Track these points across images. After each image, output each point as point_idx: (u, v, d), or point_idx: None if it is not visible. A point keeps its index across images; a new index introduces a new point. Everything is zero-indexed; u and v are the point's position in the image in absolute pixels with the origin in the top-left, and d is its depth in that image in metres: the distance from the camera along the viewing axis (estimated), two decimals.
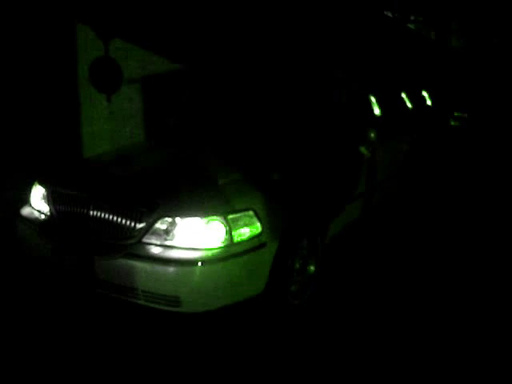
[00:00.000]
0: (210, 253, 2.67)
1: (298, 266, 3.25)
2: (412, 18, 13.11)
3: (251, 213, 2.79)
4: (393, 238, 4.51)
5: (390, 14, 9.99)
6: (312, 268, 3.40)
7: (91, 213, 2.91)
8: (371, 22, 6.76)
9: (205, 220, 2.68)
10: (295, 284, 3.25)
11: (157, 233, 2.74)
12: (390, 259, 4.03)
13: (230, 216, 2.71)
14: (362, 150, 4.03)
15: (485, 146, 9.22)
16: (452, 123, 11.04)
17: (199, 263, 2.64)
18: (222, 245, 2.69)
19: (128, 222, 2.80)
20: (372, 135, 3.93)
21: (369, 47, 5.66)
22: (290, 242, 3.04)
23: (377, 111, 4.71)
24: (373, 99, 4.74)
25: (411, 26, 12.64)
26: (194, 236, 2.69)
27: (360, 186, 4.02)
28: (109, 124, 5.01)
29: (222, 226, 2.69)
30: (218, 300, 2.75)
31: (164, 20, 5.34)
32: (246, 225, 2.77)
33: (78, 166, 3.56)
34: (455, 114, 11.16)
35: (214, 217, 2.69)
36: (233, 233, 2.71)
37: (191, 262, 2.64)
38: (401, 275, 3.75)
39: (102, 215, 2.88)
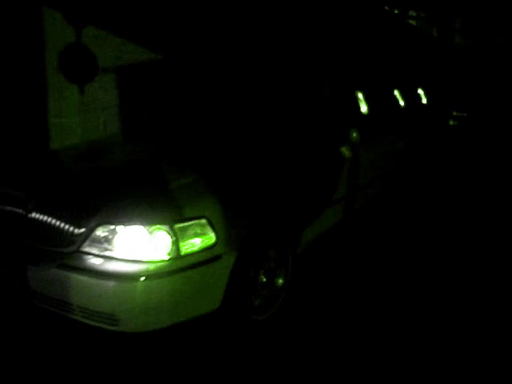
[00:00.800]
0: (153, 266, 2.31)
1: (263, 278, 2.89)
2: (414, 14, 12.67)
3: (204, 221, 2.43)
4: (374, 245, 4.11)
5: (388, 9, 9.57)
6: (280, 281, 3.04)
7: (29, 215, 2.57)
8: (366, 14, 6.36)
9: (148, 229, 2.33)
10: (260, 298, 2.90)
11: (97, 241, 2.39)
12: (369, 270, 3.66)
13: (178, 225, 2.35)
14: (343, 150, 3.66)
15: (484, 147, 8.78)
16: (451, 123, 10.64)
17: (140, 278, 2.29)
18: (168, 257, 2.33)
19: (66, 227, 2.46)
20: (354, 135, 3.56)
21: (361, 40, 5.27)
22: (251, 253, 2.68)
23: (364, 109, 4.34)
24: (360, 96, 4.36)
25: (412, 22, 12.21)
26: (136, 247, 2.33)
27: (340, 190, 3.65)
28: (80, 116, 4.66)
29: (168, 236, 2.33)
30: (162, 319, 2.40)
31: (142, 6, 4.96)
32: (197, 235, 2.41)
33: (24, 162, 3.21)
34: (454, 113, 10.76)
35: (159, 226, 2.33)
36: (180, 244, 2.35)
37: (131, 277, 2.29)
38: (380, 288, 3.38)
39: (41, 218, 2.54)
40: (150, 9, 5.05)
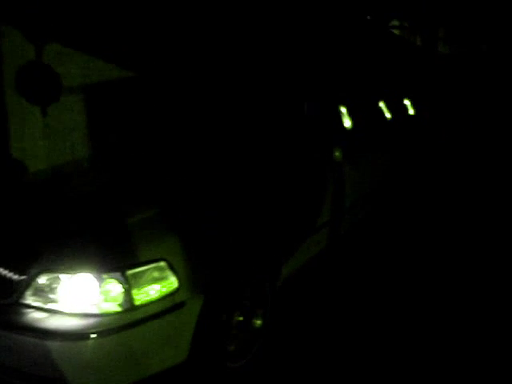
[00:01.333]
0: (103, 321, 1.96)
1: (238, 320, 2.55)
2: (397, 23, 12.49)
3: (163, 264, 2.09)
4: (360, 274, 3.73)
5: (369, 18, 9.33)
6: (258, 322, 2.69)
7: None
8: (346, 24, 6.08)
9: (97, 277, 1.98)
10: (235, 342, 2.56)
11: (38, 292, 2.04)
12: (355, 303, 3.31)
13: (131, 271, 2.01)
14: (326, 171, 3.34)
15: (473, 158, 8.50)
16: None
17: (89, 336, 1.94)
18: (120, 309, 1.98)
19: (5, 274, 2.11)
20: (337, 154, 3.25)
21: (342, 51, 4.98)
22: (221, 296, 2.34)
23: (348, 124, 4.03)
24: (343, 110, 4.05)
25: (396, 31, 12.00)
26: (84, 298, 1.99)
27: (324, 214, 3.33)
28: (44, 140, 4.31)
29: (119, 284, 1.98)
30: (118, 380, 2.05)
31: (110, 20, 4.64)
32: (155, 280, 2.07)
33: None
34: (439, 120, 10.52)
35: (109, 273, 1.98)
36: (135, 293, 2.00)
37: (78, 335, 1.94)
38: (366, 326, 3.04)
39: None
40: (119, 23, 4.73)
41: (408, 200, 5.54)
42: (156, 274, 2.07)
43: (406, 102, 6.63)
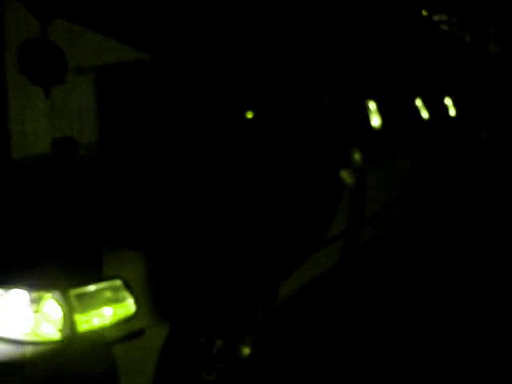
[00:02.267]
0: (36, 350, 1.57)
1: (220, 348, 2.13)
2: (445, 18, 11.68)
3: (118, 283, 1.68)
4: (376, 296, 3.20)
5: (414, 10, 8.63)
6: (246, 350, 2.26)
7: None
8: (386, 12, 5.50)
9: (33, 295, 1.59)
10: (216, 372, 2.14)
11: None
12: (364, 333, 2.82)
13: (75, 291, 1.60)
14: (343, 175, 2.86)
15: None
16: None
17: (19, 368, 1.56)
18: (59, 337, 1.59)
19: None
20: (357, 156, 2.76)
21: (378, 42, 4.45)
22: (194, 324, 1.92)
23: (376, 122, 3.52)
24: (372, 106, 3.54)
25: (443, 26, 11.21)
26: (15, 320, 1.60)
27: (337, 225, 2.85)
28: (49, 122, 4.00)
29: (59, 306, 1.59)
30: None
31: None
32: (106, 303, 1.66)
33: None
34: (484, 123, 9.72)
35: (46, 291, 1.59)
36: (78, 317, 1.60)
37: (7, 366, 1.56)
38: (377, 361, 2.56)
39: None
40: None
41: (443, 209, 4.93)
42: (108, 295, 1.67)
43: (448, 101, 6.01)
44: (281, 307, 2.54)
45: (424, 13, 8.82)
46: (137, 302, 1.69)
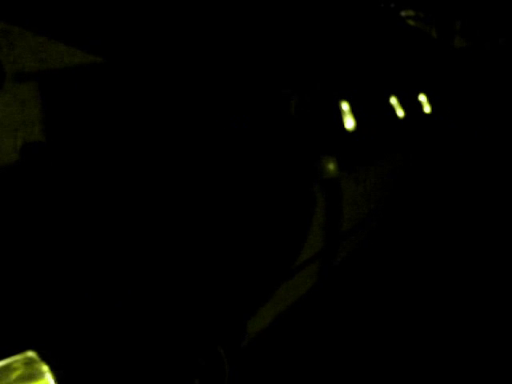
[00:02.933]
0: None
1: None
2: (412, 14, 11.51)
3: (31, 356, 1.27)
4: (357, 322, 2.84)
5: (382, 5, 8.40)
6: None
7: None
8: (354, 9, 5.19)
9: None
10: None
11: None
12: (345, 366, 2.47)
13: None
14: (317, 188, 2.50)
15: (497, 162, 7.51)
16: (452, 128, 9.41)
17: None
18: None
19: None
20: (331, 167, 2.40)
21: (347, 39, 4.13)
22: None
23: (350, 124, 3.18)
24: (345, 107, 3.21)
25: (410, 22, 11.04)
26: None
27: (310, 246, 2.49)
28: None
29: None
30: None
31: None
32: (20, 381, 1.26)
33: None
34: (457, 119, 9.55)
35: None
36: None
37: None
38: None
39: None
40: None
41: (426, 215, 4.61)
42: (20, 372, 1.26)
43: (421, 97, 5.74)
44: (252, 343, 2.17)
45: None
46: (57, 378, 1.29)
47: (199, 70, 3.09)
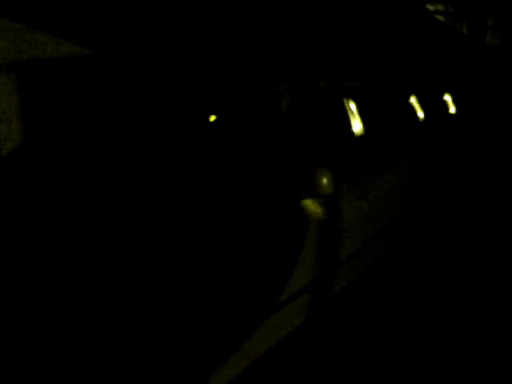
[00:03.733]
0: None
1: None
2: (441, 8, 10.83)
3: None
4: (356, 365, 2.32)
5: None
6: None
7: None
8: (375, 3, 4.66)
9: None
10: None
11: None
12: None
13: None
14: (307, 206, 2.03)
15: None
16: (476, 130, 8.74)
17: None
18: None
19: None
20: (325, 181, 1.92)
21: (363, 32, 3.62)
22: None
23: (357, 127, 2.70)
24: (352, 106, 2.72)
25: (439, 17, 10.37)
26: None
27: (300, 275, 2.02)
28: None
29: None
30: None
31: None
32: None
33: None
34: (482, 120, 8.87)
35: None
36: None
37: None
38: None
39: None
40: None
41: (443, 233, 4.00)
42: None
43: (446, 97, 5.18)
44: None
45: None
46: None
47: (187, 64, 2.67)
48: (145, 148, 2.16)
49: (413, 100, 3.90)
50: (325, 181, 1.90)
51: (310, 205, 2.02)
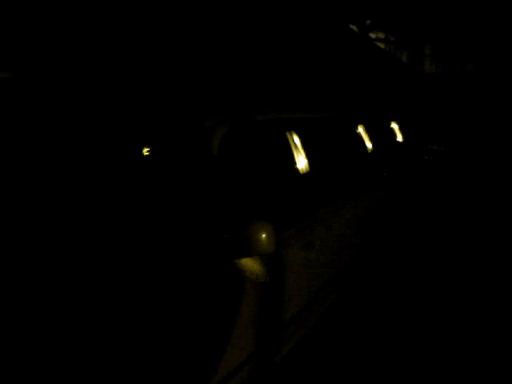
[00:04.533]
0: None
1: None
2: (382, 36, 10.97)
3: None
4: None
5: (355, 28, 7.74)
6: None
7: None
8: (318, 31, 4.44)
9: None
10: None
11: None
12: None
13: None
14: (246, 265, 1.65)
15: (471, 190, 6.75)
16: (426, 157, 8.76)
17: None
18: None
19: None
20: (263, 238, 1.56)
21: (306, 60, 3.35)
22: None
23: (302, 163, 2.37)
24: (296, 140, 2.40)
25: (380, 44, 10.48)
26: None
27: (237, 348, 1.63)
28: None
29: None
30: None
31: None
32: None
33: None
34: (429, 146, 8.91)
35: None
36: None
37: None
38: None
39: None
40: None
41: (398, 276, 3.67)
42: None
43: (393, 125, 5.01)
44: None
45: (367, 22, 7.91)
46: None
47: (105, 93, 2.28)
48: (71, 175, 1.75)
49: (360, 130, 3.65)
50: (264, 237, 1.54)
51: (248, 264, 1.65)
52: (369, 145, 3.70)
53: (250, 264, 1.65)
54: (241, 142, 1.95)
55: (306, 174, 2.32)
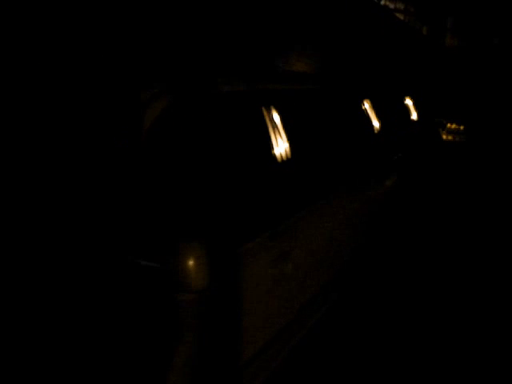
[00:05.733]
0: None
1: None
2: (402, 7, 10.11)
3: None
4: None
5: None
6: None
7: None
8: None
9: None
10: None
11: None
12: None
13: None
14: (179, 299, 1.13)
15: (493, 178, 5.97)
16: (444, 137, 8.06)
17: None
18: None
19: None
20: (189, 264, 1.03)
21: (299, 18, 2.74)
22: None
23: (281, 147, 1.82)
24: (276, 119, 1.83)
25: (399, 15, 9.65)
26: None
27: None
28: None
29: None
30: None
31: None
32: None
33: None
34: (448, 125, 8.19)
35: None
36: None
37: None
38: None
39: None
40: None
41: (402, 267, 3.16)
42: None
43: (408, 101, 4.38)
44: None
45: None
46: None
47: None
48: None
49: (366, 105, 3.06)
50: (191, 265, 1.01)
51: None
52: (376, 124, 3.11)
53: (184, 298, 1.13)
54: (192, 122, 1.41)
55: (285, 162, 1.77)
